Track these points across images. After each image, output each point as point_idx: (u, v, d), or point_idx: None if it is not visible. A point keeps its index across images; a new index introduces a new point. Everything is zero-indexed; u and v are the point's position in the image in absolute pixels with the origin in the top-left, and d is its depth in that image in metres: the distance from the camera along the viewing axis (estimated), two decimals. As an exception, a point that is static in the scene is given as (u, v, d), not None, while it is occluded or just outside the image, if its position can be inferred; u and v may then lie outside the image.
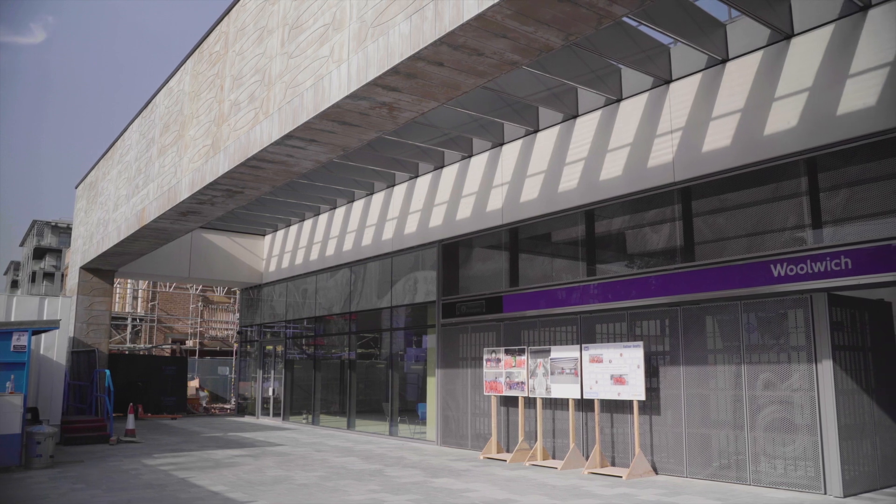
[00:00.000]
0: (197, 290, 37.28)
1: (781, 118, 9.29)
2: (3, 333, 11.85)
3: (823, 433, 8.59)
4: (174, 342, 36.15)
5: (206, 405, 26.39)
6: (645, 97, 11.13)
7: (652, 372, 10.61)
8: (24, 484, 9.87)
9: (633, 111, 11.29)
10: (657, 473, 10.30)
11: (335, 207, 19.20)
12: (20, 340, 11.90)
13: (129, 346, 34.75)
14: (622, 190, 11.30)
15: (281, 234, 22.30)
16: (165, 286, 37.03)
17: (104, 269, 20.39)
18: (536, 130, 13.04)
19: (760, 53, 9.66)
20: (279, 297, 22.25)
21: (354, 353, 18.64)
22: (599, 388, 10.81)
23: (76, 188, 23.77)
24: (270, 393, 22.40)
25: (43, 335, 14.85)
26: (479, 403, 13.77)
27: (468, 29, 6.37)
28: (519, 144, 13.39)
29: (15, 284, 73.79)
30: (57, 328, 13.76)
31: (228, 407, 26.43)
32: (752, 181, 9.91)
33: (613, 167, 11.46)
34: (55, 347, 15.35)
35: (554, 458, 11.96)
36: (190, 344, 35.30)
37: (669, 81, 10.81)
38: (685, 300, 10.29)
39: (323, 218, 19.81)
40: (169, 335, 37.06)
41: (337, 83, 8.13)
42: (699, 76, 10.39)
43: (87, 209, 21.90)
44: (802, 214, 9.33)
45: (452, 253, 15.09)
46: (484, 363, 13.09)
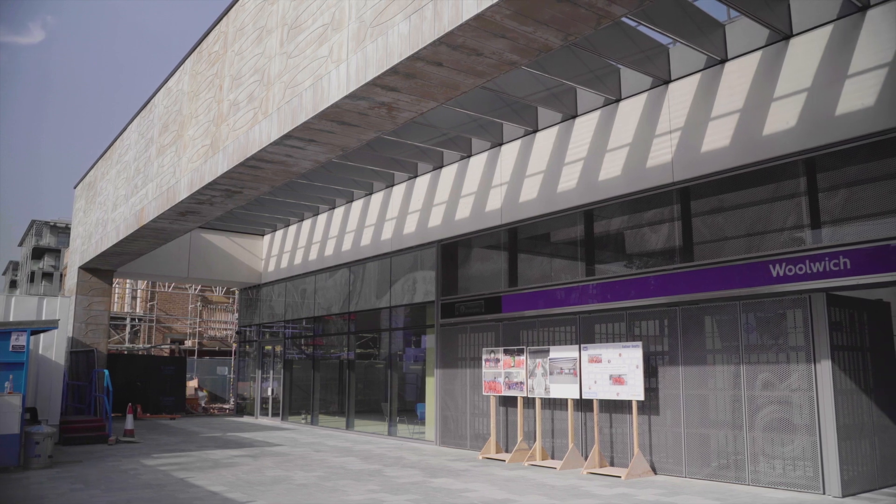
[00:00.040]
0: (196, 290, 37.26)
1: (780, 118, 9.29)
2: (1, 333, 11.84)
3: (822, 433, 8.59)
4: (173, 342, 36.13)
5: (204, 405, 26.38)
6: (644, 97, 11.14)
7: (651, 372, 10.61)
8: (22, 484, 9.86)
9: (632, 111, 11.29)
10: (656, 473, 10.31)
11: (334, 207, 19.19)
12: (19, 340, 11.90)
13: (127, 346, 34.73)
14: (621, 190, 11.30)
15: (280, 234, 22.29)
16: (164, 286, 37.00)
17: (103, 268, 20.39)
18: (535, 130, 13.04)
19: (759, 54, 9.66)
20: (278, 297, 22.24)
21: (353, 353, 18.63)
22: (598, 388, 10.82)
23: (75, 188, 23.75)
24: (269, 393, 22.39)
25: (42, 335, 14.85)
26: (477, 403, 13.77)
27: (467, 29, 6.37)
28: (518, 144, 13.39)
29: (14, 284, 73.71)
30: (56, 328, 13.76)
31: (227, 407, 26.41)
32: (751, 181, 9.92)
33: (612, 167, 11.46)
34: (54, 347, 15.35)
35: (553, 458, 11.96)
36: (189, 344, 35.28)
37: (668, 81, 10.81)
38: (684, 300, 10.29)
39: (322, 218, 19.80)
40: (168, 335, 37.03)
41: (336, 83, 8.13)
42: (698, 76, 10.39)
43: (85, 209, 21.89)
44: (801, 214, 9.33)
45: (451, 253, 15.08)
46: (483, 363, 13.09)
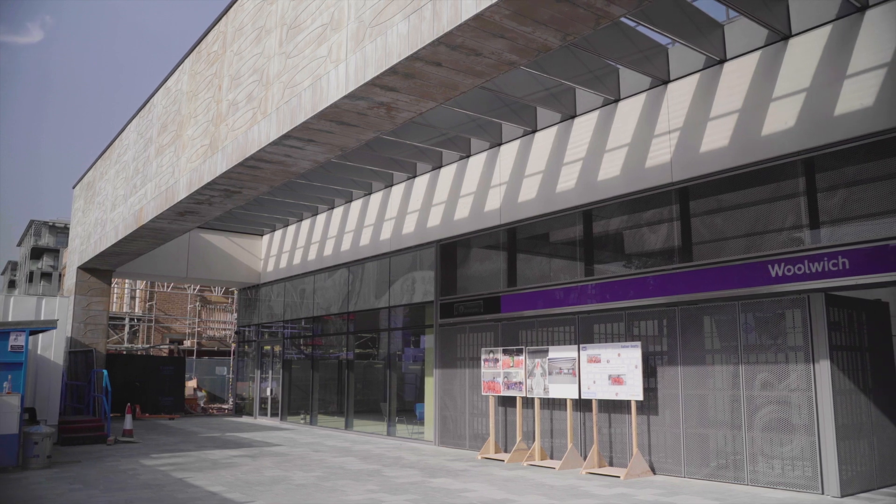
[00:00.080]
0: (195, 290, 37.25)
1: (779, 118, 9.30)
2: (0, 333, 11.83)
3: (821, 433, 8.60)
4: (172, 342, 36.11)
5: (203, 405, 26.36)
6: (643, 97, 11.14)
7: (650, 372, 10.61)
8: (21, 484, 9.85)
9: (631, 111, 11.30)
10: (655, 473, 10.31)
11: (333, 207, 19.19)
12: (18, 340, 11.89)
13: (126, 346, 34.71)
14: (620, 190, 11.30)
15: (279, 234, 22.28)
16: (163, 286, 36.98)
17: (102, 268, 20.38)
18: (534, 130, 13.04)
19: (758, 54, 9.67)
20: (277, 297, 22.23)
21: (352, 353, 18.63)
22: (597, 388, 10.82)
23: (74, 188, 23.75)
24: (268, 393, 22.38)
25: (40, 335, 14.84)
26: (476, 403, 13.77)
27: (466, 29, 6.37)
28: (517, 144, 13.39)
29: (12, 284, 73.62)
30: (54, 328, 13.74)
31: (226, 407, 26.39)
32: (749, 181, 9.92)
33: (611, 167, 11.46)
34: (52, 347, 15.34)
35: (552, 458, 11.96)
36: (188, 344, 35.26)
37: (667, 82, 10.82)
38: (683, 300, 10.30)
39: (321, 218, 19.80)
40: (167, 335, 37.01)
41: (335, 83, 8.12)
42: (697, 76, 10.40)
43: (84, 209, 21.88)
44: (800, 215, 9.34)
45: (450, 253, 15.08)
46: (482, 363, 13.09)
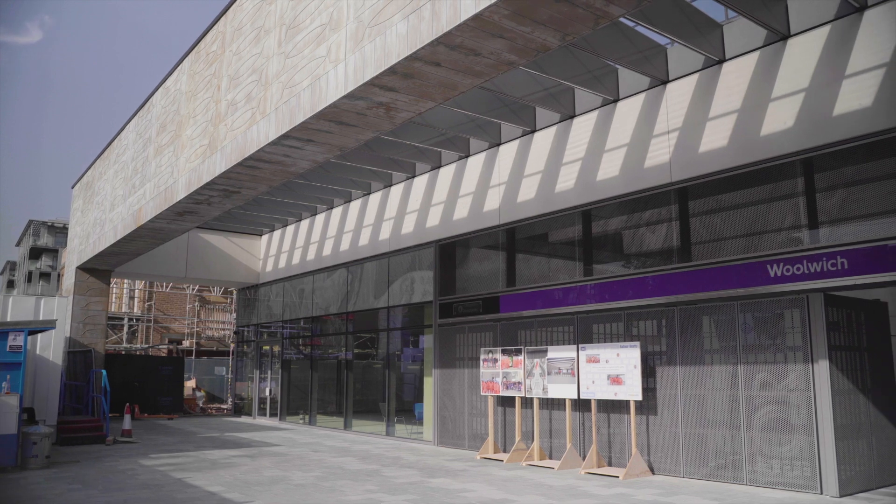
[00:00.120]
0: (194, 290, 37.23)
1: (778, 119, 9.30)
2: (-1, 333, 11.83)
3: (820, 433, 8.60)
4: (171, 342, 36.10)
5: (202, 405, 26.34)
6: (642, 97, 11.14)
7: (649, 372, 10.62)
8: (20, 484, 9.84)
9: (629, 111, 11.30)
10: (654, 473, 10.31)
11: (332, 207, 19.19)
12: (16, 340, 11.88)
13: (125, 346, 34.68)
14: (619, 190, 11.31)
15: (278, 234, 22.27)
16: (162, 286, 36.96)
17: (101, 268, 20.36)
18: (533, 131, 13.04)
19: (757, 54, 9.68)
20: (276, 297, 22.23)
21: (351, 353, 18.62)
22: (596, 388, 10.82)
23: (72, 188, 23.73)
24: (267, 393, 22.38)
25: (39, 335, 14.82)
26: (475, 403, 13.77)
27: (465, 29, 6.37)
28: (516, 145, 13.39)
29: (11, 284, 73.59)
30: (53, 328, 13.74)
31: (225, 407, 26.38)
32: (748, 181, 9.93)
33: (610, 167, 11.47)
34: (51, 347, 15.32)
35: (551, 458, 11.97)
36: (186, 344, 35.25)
37: (666, 82, 10.82)
38: (682, 300, 10.30)
39: (320, 218, 19.80)
40: (165, 335, 36.99)
41: (334, 83, 8.12)
42: (696, 77, 10.40)
43: (83, 209, 21.86)
44: (799, 215, 9.34)
45: (449, 253, 15.08)
46: (481, 363, 13.09)
